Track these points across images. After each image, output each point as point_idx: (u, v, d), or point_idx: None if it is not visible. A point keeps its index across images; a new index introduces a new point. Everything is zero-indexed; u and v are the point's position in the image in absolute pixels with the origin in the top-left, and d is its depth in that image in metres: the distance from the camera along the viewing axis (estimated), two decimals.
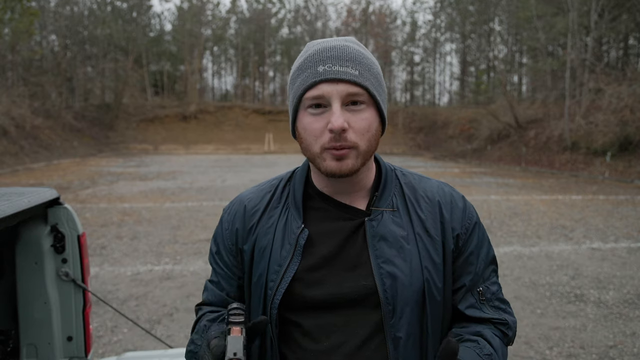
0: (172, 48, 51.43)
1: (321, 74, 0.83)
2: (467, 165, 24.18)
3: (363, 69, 0.86)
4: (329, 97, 0.83)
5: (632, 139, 18.18)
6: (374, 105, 0.88)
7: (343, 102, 0.84)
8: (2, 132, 21.62)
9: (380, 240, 0.90)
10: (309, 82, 0.84)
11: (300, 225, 0.92)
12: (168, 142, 35.67)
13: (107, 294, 4.69)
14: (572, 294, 4.92)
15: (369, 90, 0.85)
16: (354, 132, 0.84)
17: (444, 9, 51.15)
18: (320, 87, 0.83)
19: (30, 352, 1.91)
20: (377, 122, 0.88)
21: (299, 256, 0.90)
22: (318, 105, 0.85)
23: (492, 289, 0.97)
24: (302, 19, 54.96)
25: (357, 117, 0.85)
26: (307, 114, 0.86)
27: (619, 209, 10.31)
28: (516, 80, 43.91)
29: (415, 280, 0.89)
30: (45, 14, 38.13)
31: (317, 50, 0.86)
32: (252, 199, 1.01)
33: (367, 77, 0.86)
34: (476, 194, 12.45)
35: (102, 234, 7.26)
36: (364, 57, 0.87)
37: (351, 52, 0.86)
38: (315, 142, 0.86)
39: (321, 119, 0.85)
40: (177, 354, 2.09)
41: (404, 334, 0.88)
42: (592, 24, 22.84)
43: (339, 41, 0.88)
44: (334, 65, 0.83)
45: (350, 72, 0.84)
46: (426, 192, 0.98)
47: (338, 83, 0.83)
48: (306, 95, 0.85)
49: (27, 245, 1.87)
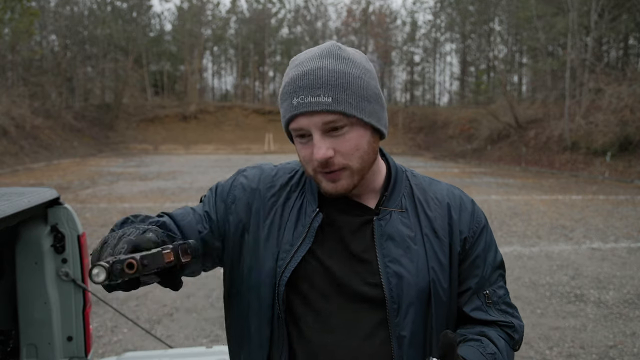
0: (172, 48, 51.45)
1: (295, 108, 0.83)
2: (467, 165, 24.18)
3: (337, 92, 0.82)
4: (307, 129, 0.83)
5: (632, 139, 18.18)
6: (359, 123, 0.85)
7: (323, 131, 0.83)
8: (2, 132, 21.62)
9: (388, 239, 0.91)
10: (287, 116, 0.85)
11: (315, 209, 0.93)
12: (168, 142, 35.67)
13: (107, 294, 4.69)
14: (572, 294, 4.92)
15: (345, 113, 0.82)
16: (342, 155, 0.84)
17: (444, 9, 51.17)
18: (298, 120, 0.84)
19: (30, 352, 1.91)
20: (366, 137, 0.87)
21: (311, 238, 0.91)
22: (302, 135, 0.86)
23: (498, 293, 0.97)
24: (302, 19, 54.97)
25: (340, 141, 0.84)
26: (296, 141, 0.89)
27: (619, 209, 10.31)
28: (516, 80, 43.95)
29: (421, 280, 0.89)
30: (45, 14, 38.13)
31: (293, 78, 0.85)
32: (279, 175, 1.02)
33: (341, 101, 0.82)
34: (476, 194, 12.45)
35: (102, 234, 7.26)
36: (340, 75, 0.83)
37: (323, 76, 0.82)
38: (307, 165, 0.88)
39: (308, 146, 0.86)
40: (177, 354, 2.09)
41: (408, 332, 0.88)
42: (592, 24, 22.84)
43: (315, 61, 0.84)
44: (306, 97, 0.82)
45: (322, 102, 0.81)
46: (436, 194, 0.99)
47: (312, 115, 0.82)
48: (289, 126, 0.87)
49: (27, 245, 1.87)
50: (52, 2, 40.47)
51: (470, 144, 29.79)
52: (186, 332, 3.90)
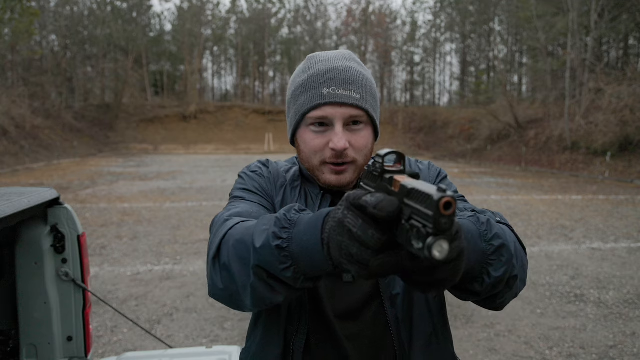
0: (172, 48, 51.46)
1: (326, 97, 0.88)
2: (467, 165, 24.17)
3: (364, 91, 0.91)
4: (332, 118, 0.89)
5: (632, 139, 18.18)
6: (371, 124, 0.94)
7: (344, 123, 0.90)
8: (2, 132, 21.63)
9: None
10: (313, 103, 0.89)
11: (319, 192, 0.98)
12: (168, 142, 35.67)
13: (107, 294, 4.69)
14: (572, 294, 4.92)
15: (368, 112, 0.91)
16: (354, 149, 0.90)
17: (444, 9, 51.18)
18: (324, 109, 0.89)
19: (30, 352, 1.91)
20: (372, 138, 0.96)
21: None
22: (321, 124, 0.90)
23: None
24: (302, 19, 54.95)
25: (357, 136, 0.91)
26: (309, 130, 0.92)
27: (619, 209, 10.31)
28: (516, 80, 43.94)
29: None
30: (45, 14, 38.14)
31: (321, 71, 0.91)
32: (286, 171, 1.06)
33: (367, 100, 0.91)
34: (476, 194, 12.45)
35: (102, 234, 7.26)
36: (364, 78, 0.92)
37: (353, 75, 0.90)
38: (315, 156, 0.92)
39: (323, 136, 0.90)
40: (177, 354, 2.09)
41: (400, 290, 0.93)
42: (592, 24, 22.84)
43: (341, 61, 0.92)
44: (338, 89, 0.88)
45: (353, 96, 0.89)
46: None
47: (341, 106, 0.88)
48: (309, 114, 0.91)
49: (27, 245, 1.87)
50: (52, 2, 40.49)
51: (470, 144, 29.79)
52: (186, 332, 3.90)
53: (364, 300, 0.93)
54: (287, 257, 0.64)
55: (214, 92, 59.69)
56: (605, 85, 20.66)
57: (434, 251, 0.45)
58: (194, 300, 4.59)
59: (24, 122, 24.02)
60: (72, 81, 39.85)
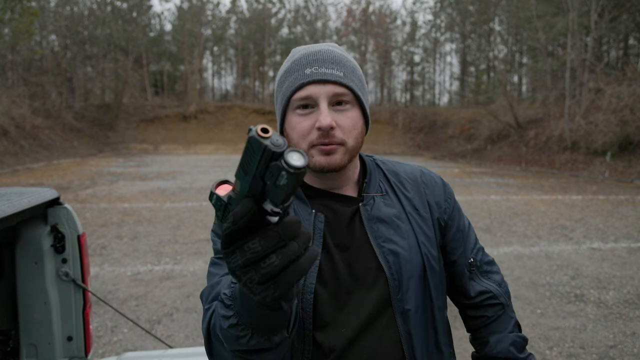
0: (172, 48, 51.43)
1: (308, 76, 0.88)
2: (467, 165, 24.17)
3: (347, 70, 0.91)
4: (316, 97, 0.88)
5: (632, 139, 18.18)
6: (358, 105, 0.92)
7: (330, 102, 0.88)
8: (2, 132, 21.62)
9: (377, 222, 0.95)
10: (297, 83, 0.89)
11: (311, 211, 0.94)
12: (168, 142, 35.66)
13: (107, 294, 4.69)
14: (572, 294, 4.92)
15: (353, 91, 0.90)
16: (341, 130, 0.89)
17: (444, 9, 51.17)
18: (308, 88, 0.88)
19: (30, 352, 1.91)
20: (361, 121, 0.93)
21: (320, 239, 0.92)
22: (305, 105, 0.89)
23: (478, 256, 1.09)
24: (302, 19, 54.93)
25: (343, 116, 0.89)
26: (295, 114, 0.91)
27: (619, 209, 10.31)
28: (516, 80, 43.92)
29: (414, 256, 0.95)
30: (45, 14, 38.11)
31: (304, 55, 0.91)
32: None
33: (351, 79, 0.90)
34: (476, 194, 12.45)
35: (102, 234, 7.26)
36: (348, 60, 0.93)
37: (335, 56, 0.91)
38: (303, 140, 0.89)
39: (309, 118, 0.89)
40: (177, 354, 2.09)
41: (412, 305, 0.92)
42: (592, 24, 22.84)
43: (323, 46, 0.93)
44: (320, 68, 0.88)
45: (335, 74, 0.88)
46: (407, 174, 1.06)
47: (325, 84, 0.88)
48: (294, 96, 0.90)
49: (27, 245, 1.87)
50: (52, 2, 40.45)
51: (470, 144, 29.78)
52: (186, 332, 3.90)
53: (374, 314, 0.91)
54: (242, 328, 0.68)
55: (214, 92, 59.68)
56: (605, 85, 20.66)
57: (291, 161, 0.47)
58: (194, 300, 4.59)
59: (24, 122, 24.01)
60: (72, 81, 39.82)
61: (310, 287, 0.89)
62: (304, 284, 0.89)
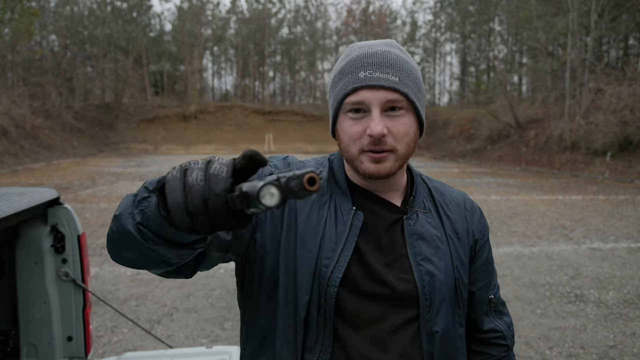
0: (172, 48, 51.43)
1: (362, 80, 0.85)
2: (467, 165, 24.17)
3: (403, 75, 0.86)
4: (368, 103, 0.85)
5: (632, 139, 18.18)
6: (413, 110, 0.89)
7: (382, 109, 0.85)
8: (2, 132, 21.62)
9: (418, 239, 0.94)
10: (349, 87, 0.86)
11: (351, 207, 0.92)
12: (168, 142, 35.66)
13: (107, 294, 4.69)
14: (572, 294, 4.92)
15: (408, 97, 0.86)
16: (393, 136, 0.86)
17: (444, 9, 51.17)
18: (361, 93, 0.85)
19: (30, 352, 1.91)
20: (415, 127, 0.90)
21: (354, 237, 0.90)
22: (358, 110, 0.86)
23: (497, 295, 1.08)
24: (302, 19, 54.93)
25: (396, 123, 0.86)
26: (347, 117, 0.88)
27: (619, 209, 10.31)
28: (516, 80, 43.93)
29: (449, 279, 0.94)
30: (45, 14, 38.10)
31: (359, 56, 0.88)
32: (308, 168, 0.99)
33: (406, 84, 0.86)
34: (476, 194, 12.45)
35: (102, 234, 7.25)
36: (405, 62, 0.88)
37: (392, 58, 0.87)
38: (353, 144, 0.87)
39: (360, 123, 0.86)
40: (177, 354, 2.09)
41: (440, 328, 0.92)
42: (592, 24, 22.84)
43: (381, 46, 0.89)
44: (375, 72, 0.85)
45: (390, 79, 0.85)
46: (452, 197, 1.05)
47: (378, 90, 0.84)
48: (346, 100, 0.87)
49: (27, 245, 1.87)
50: (52, 2, 40.45)
51: (470, 144, 29.78)
52: (186, 332, 3.90)
53: (397, 329, 0.90)
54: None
55: (214, 92, 59.68)
56: (605, 85, 20.65)
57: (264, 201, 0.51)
58: (194, 300, 4.59)
59: (24, 122, 24.00)
60: (72, 81, 39.81)
61: (335, 280, 0.87)
62: (331, 277, 0.87)
